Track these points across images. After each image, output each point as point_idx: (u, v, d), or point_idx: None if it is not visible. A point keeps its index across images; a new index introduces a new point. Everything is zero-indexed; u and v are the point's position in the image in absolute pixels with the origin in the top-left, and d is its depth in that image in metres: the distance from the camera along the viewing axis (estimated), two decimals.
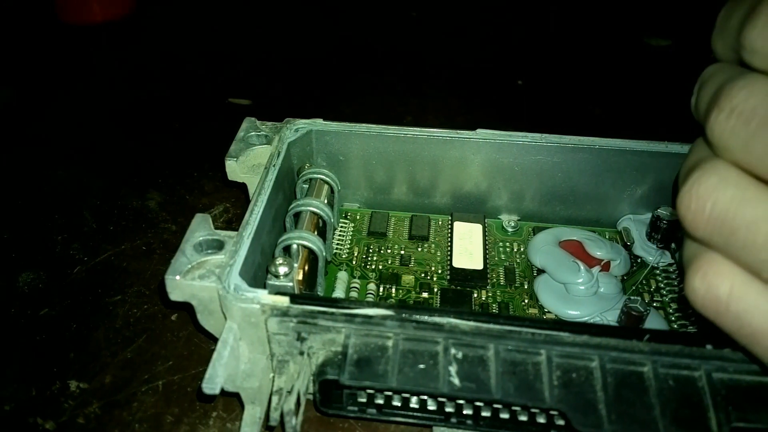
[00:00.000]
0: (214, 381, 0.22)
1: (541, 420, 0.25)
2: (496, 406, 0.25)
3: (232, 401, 0.29)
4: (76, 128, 0.49)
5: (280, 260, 0.25)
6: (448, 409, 0.25)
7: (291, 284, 0.25)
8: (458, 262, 0.33)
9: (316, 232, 0.30)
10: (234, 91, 0.53)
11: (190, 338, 0.32)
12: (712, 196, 0.18)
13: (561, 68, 0.58)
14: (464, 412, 0.25)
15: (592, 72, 0.58)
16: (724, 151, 0.19)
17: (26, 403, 0.28)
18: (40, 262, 0.36)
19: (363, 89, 0.54)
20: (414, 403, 0.25)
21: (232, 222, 0.39)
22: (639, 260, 0.34)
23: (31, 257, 0.36)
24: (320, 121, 0.34)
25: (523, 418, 0.25)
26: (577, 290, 0.31)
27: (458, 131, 0.34)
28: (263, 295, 0.23)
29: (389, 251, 0.35)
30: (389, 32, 0.65)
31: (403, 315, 0.23)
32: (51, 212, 0.40)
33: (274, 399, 0.23)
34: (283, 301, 0.23)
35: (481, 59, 0.60)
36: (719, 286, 0.19)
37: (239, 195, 0.41)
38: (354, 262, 0.34)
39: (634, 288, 0.33)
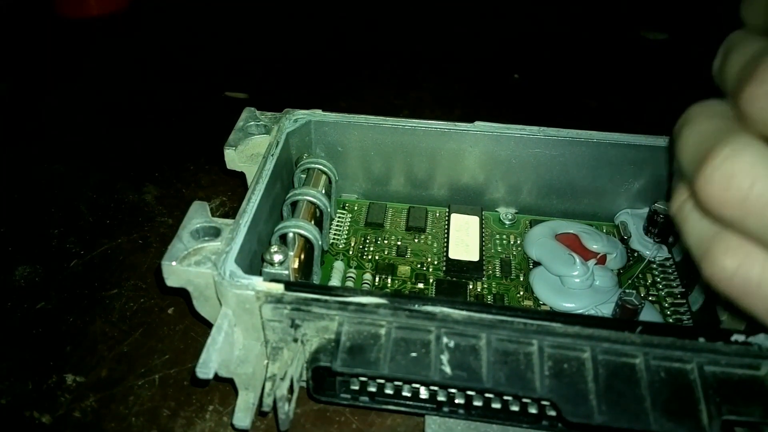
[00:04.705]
0: (208, 366, 0.22)
1: (533, 410, 0.25)
2: (488, 395, 0.25)
3: (228, 395, 0.29)
4: (72, 122, 0.49)
5: (275, 248, 0.26)
6: (440, 398, 0.25)
7: (286, 272, 0.26)
8: (454, 253, 0.33)
9: (313, 222, 0.30)
10: (230, 84, 0.53)
11: (187, 332, 0.32)
12: (750, 175, 0.18)
13: (557, 62, 0.58)
14: (456, 401, 0.25)
15: (589, 65, 0.58)
16: (760, 125, 0.18)
17: (23, 397, 0.29)
18: (37, 255, 0.36)
19: (359, 83, 0.54)
20: (406, 391, 0.26)
21: (229, 215, 0.39)
22: (636, 254, 0.34)
23: (27, 251, 0.37)
24: (319, 111, 0.34)
25: (515, 408, 0.25)
26: (573, 283, 0.31)
27: (456, 123, 0.34)
28: (258, 282, 0.24)
29: (386, 242, 0.35)
30: (386, 25, 0.65)
31: (396, 303, 0.23)
32: (47, 206, 0.40)
33: (268, 385, 0.24)
34: (278, 288, 0.23)
35: (478, 53, 0.60)
36: (751, 268, 0.18)
37: (236, 188, 0.41)
38: (351, 253, 0.34)
39: (630, 282, 0.33)
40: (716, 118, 0.20)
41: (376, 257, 0.34)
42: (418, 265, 0.34)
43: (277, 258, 0.25)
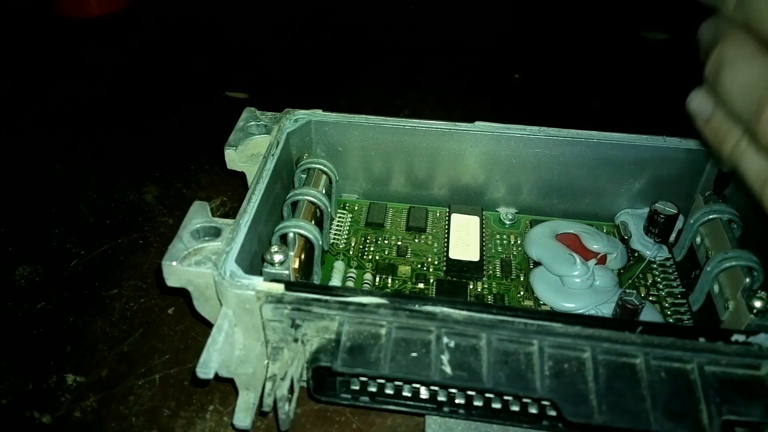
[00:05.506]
0: (208, 366, 0.22)
1: (533, 410, 0.25)
2: (488, 395, 0.25)
3: (228, 395, 0.29)
4: (72, 122, 0.49)
5: (275, 248, 0.26)
6: (441, 398, 0.25)
7: (287, 272, 0.26)
8: (455, 253, 0.33)
9: (313, 222, 0.30)
10: (231, 84, 0.53)
11: (187, 332, 0.32)
12: None
13: (557, 62, 0.58)
14: (456, 401, 0.25)
15: (589, 66, 0.58)
16: None
17: (23, 397, 0.29)
18: (37, 255, 0.36)
19: (360, 83, 0.54)
20: (407, 391, 0.26)
21: (229, 215, 0.39)
22: (636, 254, 0.34)
23: (27, 251, 0.37)
24: (319, 111, 0.34)
25: (515, 408, 0.25)
26: (573, 283, 0.31)
27: (456, 123, 0.34)
28: (258, 282, 0.24)
29: (386, 242, 0.35)
30: (387, 26, 0.65)
31: (397, 303, 0.23)
32: (48, 206, 0.40)
33: (268, 385, 0.24)
34: (278, 288, 0.23)
35: (478, 53, 0.60)
36: None
37: (236, 188, 0.41)
38: (351, 253, 0.34)
39: (630, 282, 0.33)
40: (757, 57, 0.22)
41: (377, 257, 0.34)
42: (419, 265, 0.34)
43: (278, 258, 0.25)
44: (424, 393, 0.26)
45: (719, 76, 0.23)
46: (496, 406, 0.25)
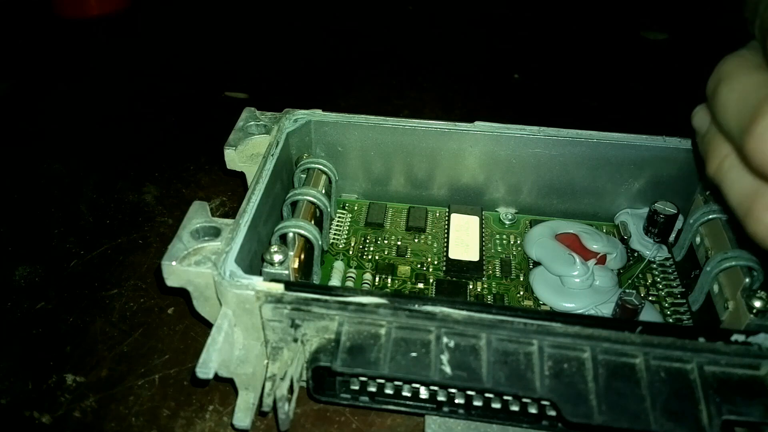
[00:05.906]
0: (208, 366, 0.22)
1: (533, 410, 0.25)
2: (488, 395, 0.25)
3: (228, 395, 0.29)
4: (72, 122, 0.49)
5: (275, 248, 0.26)
6: (440, 398, 0.25)
7: (286, 272, 0.26)
8: (454, 253, 0.33)
9: (313, 222, 0.30)
10: (230, 84, 0.53)
11: (187, 332, 0.32)
12: None
13: (557, 62, 0.58)
14: (456, 401, 0.25)
15: (589, 66, 0.58)
16: None
17: (22, 397, 0.29)
18: (37, 255, 0.36)
19: (360, 83, 0.54)
20: (406, 391, 0.26)
21: (229, 215, 0.39)
22: (636, 254, 0.34)
23: (27, 251, 0.37)
24: (319, 111, 0.34)
25: (515, 408, 0.25)
26: (573, 283, 0.31)
27: (456, 123, 0.34)
28: (258, 282, 0.24)
29: (386, 242, 0.35)
30: (386, 26, 0.65)
31: (396, 303, 0.23)
32: (47, 206, 0.40)
33: (267, 385, 0.24)
34: (278, 288, 0.23)
35: (478, 53, 0.60)
36: None
37: (236, 188, 0.41)
38: (351, 252, 0.34)
39: (630, 281, 0.33)
40: (756, 72, 0.21)
41: (376, 257, 0.34)
42: (418, 265, 0.34)
43: (277, 258, 0.25)
44: (423, 393, 0.26)
45: (716, 89, 0.22)
46: (496, 406, 0.25)
